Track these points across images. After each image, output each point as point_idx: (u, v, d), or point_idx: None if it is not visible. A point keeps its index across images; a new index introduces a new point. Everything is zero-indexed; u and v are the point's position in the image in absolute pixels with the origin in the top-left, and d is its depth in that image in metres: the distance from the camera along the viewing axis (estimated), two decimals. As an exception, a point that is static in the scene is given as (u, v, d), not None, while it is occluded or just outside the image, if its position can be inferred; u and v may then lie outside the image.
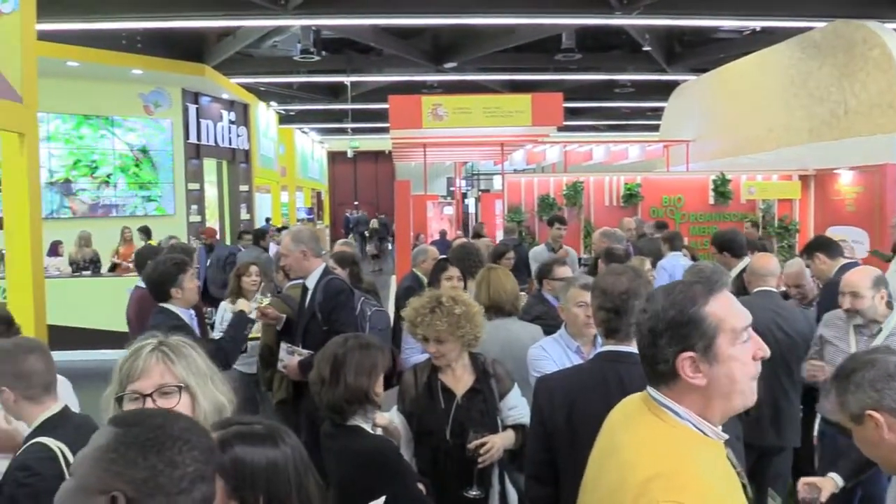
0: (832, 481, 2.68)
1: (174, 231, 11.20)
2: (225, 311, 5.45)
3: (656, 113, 21.11)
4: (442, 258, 5.76)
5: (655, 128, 20.47)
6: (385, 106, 12.37)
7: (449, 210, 18.43)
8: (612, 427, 1.64)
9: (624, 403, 1.68)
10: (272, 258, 7.48)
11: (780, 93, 12.57)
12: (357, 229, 26.82)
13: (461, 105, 11.55)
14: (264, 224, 15.80)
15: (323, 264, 4.23)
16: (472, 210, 17.67)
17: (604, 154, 17.43)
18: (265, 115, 18.75)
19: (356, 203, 33.67)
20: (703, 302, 1.48)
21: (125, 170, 13.43)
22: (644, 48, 14.77)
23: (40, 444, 2.14)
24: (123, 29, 12.54)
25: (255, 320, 4.12)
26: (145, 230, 11.35)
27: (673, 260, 6.38)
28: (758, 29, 14.54)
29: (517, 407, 2.97)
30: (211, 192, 16.54)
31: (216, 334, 4.64)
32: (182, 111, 13.99)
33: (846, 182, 11.02)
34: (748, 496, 1.51)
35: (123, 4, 11.18)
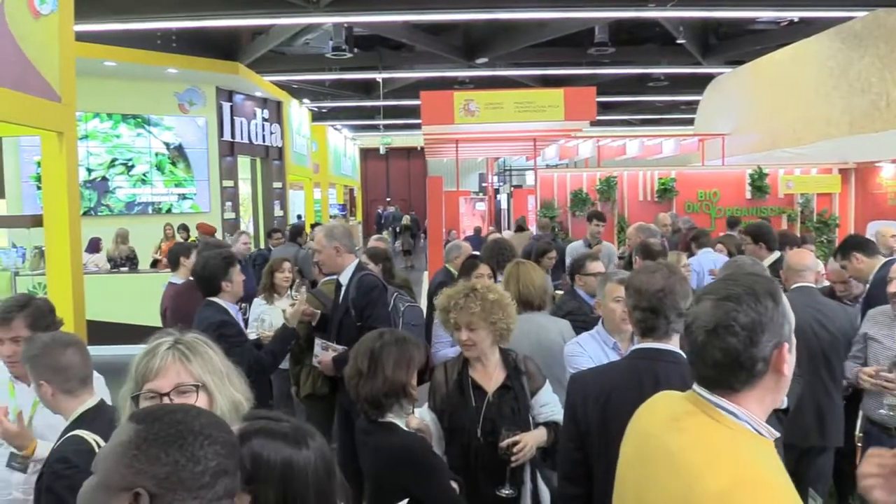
0: None
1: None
2: (259, 309, 5.47)
3: (691, 107, 20.81)
4: (472, 255, 5.74)
5: (690, 122, 20.18)
6: (417, 102, 12.39)
7: (481, 206, 18.33)
8: (652, 428, 1.55)
9: (661, 403, 1.60)
10: (309, 254, 7.52)
11: (820, 85, 12.29)
12: (389, 225, 26.88)
13: (493, 100, 11.49)
14: (297, 220, 15.90)
15: (356, 260, 4.23)
16: (505, 206, 17.57)
17: (637, 149, 17.23)
18: (298, 113, 18.87)
19: (388, 199, 33.80)
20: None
21: (161, 168, 13.65)
22: (678, 41, 14.53)
23: (78, 437, 2.18)
24: (158, 29, 12.79)
25: (295, 330, 4.07)
26: (184, 227, 11.56)
27: (702, 257, 6.28)
28: (796, 20, 14.25)
29: (549, 404, 2.92)
30: (245, 190, 16.72)
31: (250, 332, 4.66)
32: (216, 109, 14.13)
33: (888, 175, 10.75)
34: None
35: (158, 5, 11.37)
